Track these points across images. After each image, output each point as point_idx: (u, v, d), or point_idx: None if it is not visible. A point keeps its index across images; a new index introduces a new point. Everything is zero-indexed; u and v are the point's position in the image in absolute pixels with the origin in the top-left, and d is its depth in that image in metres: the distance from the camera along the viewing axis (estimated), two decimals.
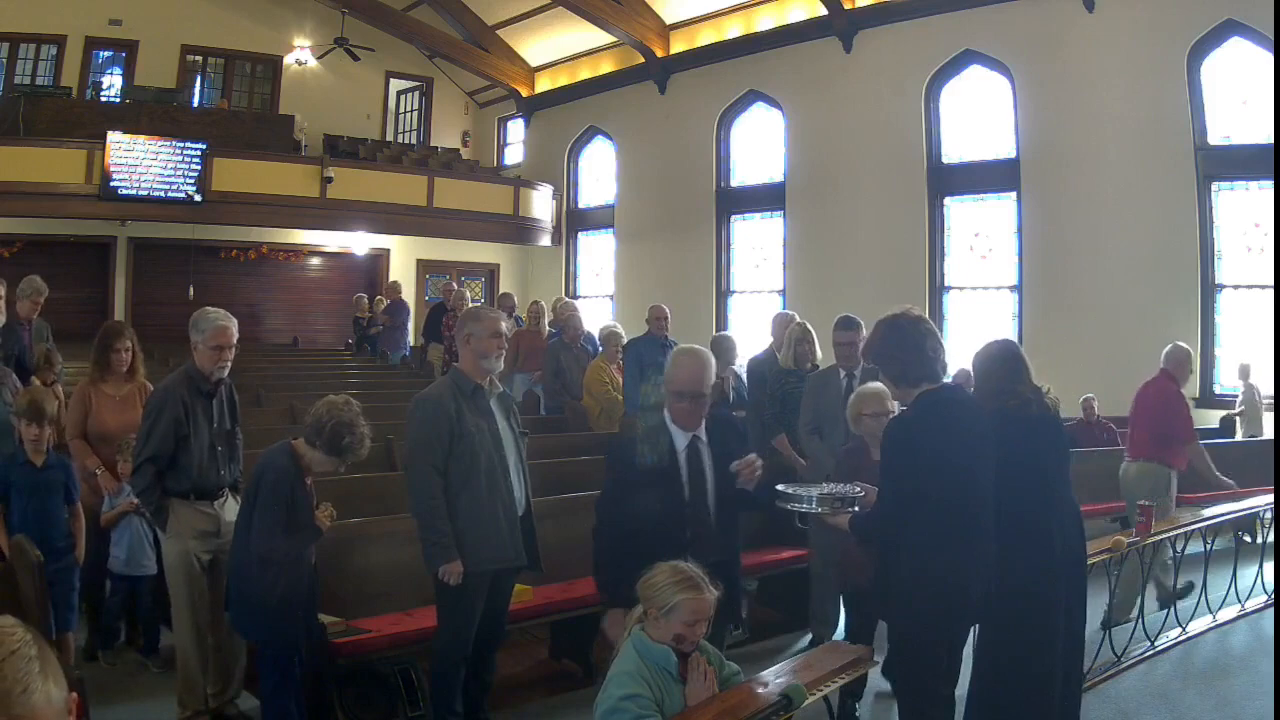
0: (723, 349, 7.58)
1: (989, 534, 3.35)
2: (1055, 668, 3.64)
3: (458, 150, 19.16)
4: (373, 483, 5.46)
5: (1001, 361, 3.84)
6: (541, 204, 17.26)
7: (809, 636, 5.58)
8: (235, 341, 4.37)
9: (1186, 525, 5.74)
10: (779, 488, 3.57)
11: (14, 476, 4.36)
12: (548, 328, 9.95)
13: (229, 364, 4.37)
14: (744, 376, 7.77)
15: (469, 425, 3.92)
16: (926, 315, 3.55)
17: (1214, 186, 10.40)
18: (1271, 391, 9.62)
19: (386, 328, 13.36)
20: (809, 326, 6.35)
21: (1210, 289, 10.38)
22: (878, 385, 4.33)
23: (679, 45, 15.48)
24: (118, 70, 16.33)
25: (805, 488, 3.62)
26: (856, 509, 3.46)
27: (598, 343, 9.23)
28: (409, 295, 15.28)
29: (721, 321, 14.81)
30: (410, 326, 14.03)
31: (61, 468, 4.47)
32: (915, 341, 3.36)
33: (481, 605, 3.97)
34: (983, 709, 3.66)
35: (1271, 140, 9.16)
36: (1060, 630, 3.64)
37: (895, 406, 4.02)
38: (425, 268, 17.58)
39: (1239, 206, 10.31)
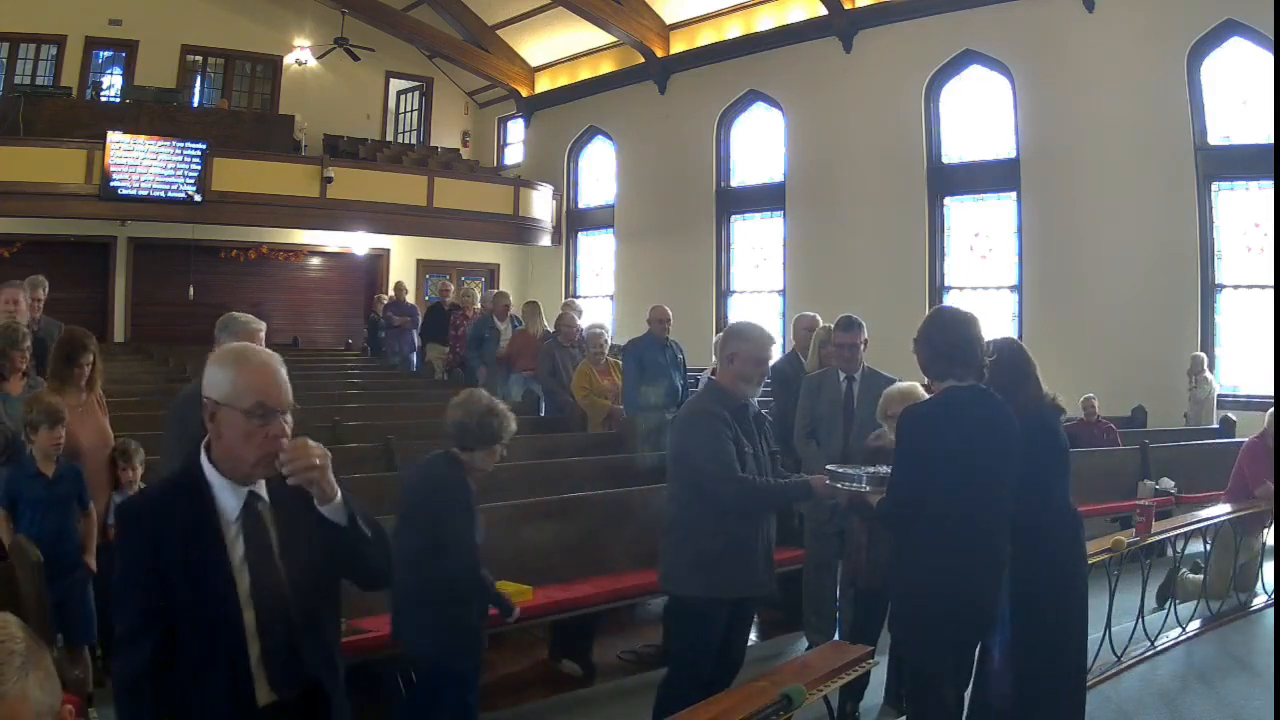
0: None
1: (1001, 537, 3.35)
2: (1081, 658, 3.76)
3: (458, 150, 19.15)
4: (373, 483, 5.44)
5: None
6: (541, 204, 17.25)
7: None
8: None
9: (1186, 525, 5.75)
10: (829, 467, 3.81)
11: (24, 489, 4.04)
12: (544, 328, 9.87)
13: None
14: None
15: (743, 446, 3.73)
16: (972, 314, 3.52)
17: (1214, 186, 10.40)
18: (1219, 388, 9.77)
19: (405, 328, 13.08)
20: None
21: (1210, 289, 10.39)
22: (908, 385, 4.35)
23: (679, 45, 15.48)
24: (118, 70, 16.33)
25: (856, 468, 3.79)
26: None
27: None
28: (409, 296, 15.20)
29: (721, 322, 14.79)
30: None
31: (74, 477, 4.22)
32: (946, 336, 3.42)
33: (721, 635, 3.76)
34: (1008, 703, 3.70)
35: (1271, 140, 9.16)
36: (1081, 621, 3.76)
37: None
38: (425, 268, 17.56)
39: (1239, 206, 10.32)
